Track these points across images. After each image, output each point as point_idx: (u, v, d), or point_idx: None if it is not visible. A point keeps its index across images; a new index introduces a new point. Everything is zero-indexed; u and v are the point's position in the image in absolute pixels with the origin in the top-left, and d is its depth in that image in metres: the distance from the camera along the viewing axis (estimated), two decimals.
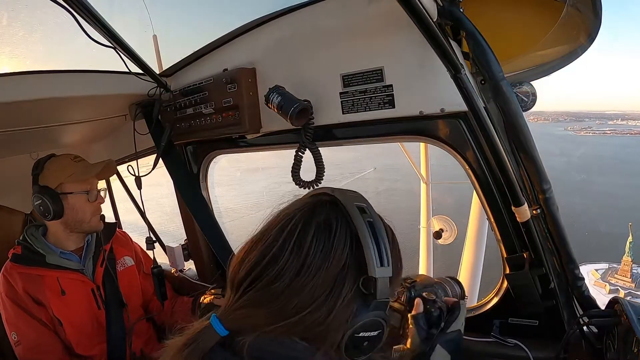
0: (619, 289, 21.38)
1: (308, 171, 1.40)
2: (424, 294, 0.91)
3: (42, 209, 1.53)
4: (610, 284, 22.58)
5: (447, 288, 1.00)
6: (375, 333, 0.67)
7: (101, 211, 1.69)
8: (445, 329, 0.85)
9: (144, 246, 1.94)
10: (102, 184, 1.78)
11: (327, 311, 0.62)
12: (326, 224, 0.66)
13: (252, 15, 1.43)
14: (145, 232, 1.91)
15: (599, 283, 22.59)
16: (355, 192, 0.73)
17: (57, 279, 1.54)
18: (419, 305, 0.86)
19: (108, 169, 1.68)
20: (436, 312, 0.86)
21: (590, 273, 23.36)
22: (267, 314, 0.63)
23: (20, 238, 1.61)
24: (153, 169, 1.76)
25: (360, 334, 0.65)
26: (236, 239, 1.75)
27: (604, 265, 23.77)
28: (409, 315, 0.88)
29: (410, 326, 0.85)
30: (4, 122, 1.46)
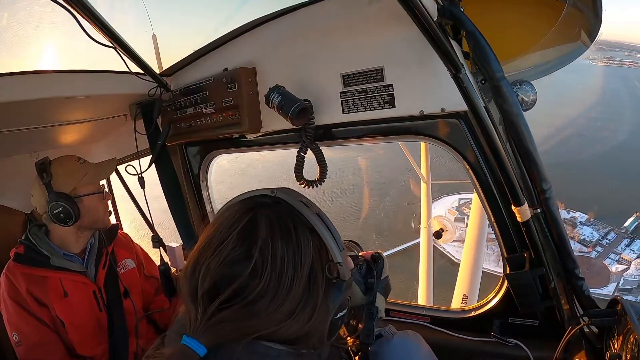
0: (465, 218, 21.02)
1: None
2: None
3: (63, 216, 1.48)
4: (461, 212, 23.46)
5: (351, 247, 1.03)
6: (346, 310, 0.72)
7: (109, 207, 1.70)
8: (379, 276, 0.91)
9: (144, 246, 1.94)
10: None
11: (311, 311, 0.65)
12: (284, 227, 0.66)
13: (252, 15, 1.43)
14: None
15: (451, 211, 23.90)
16: (288, 188, 0.75)
17: (60, 280, 1.53)
18: (349, 261, 0.90)
19: (110, 167, 1.69)
20: (364, 264, 0.91)
21: (453, 201, 24.59)
22: (252, 325, 0.63)
23: (23, 237, 1.59)
24: (148, 167, 1.77)
25: (337, 316, 0.70)
26: None
27: (470, 196, 22.95)
28: None
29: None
30: (4, 122, 1.45)
